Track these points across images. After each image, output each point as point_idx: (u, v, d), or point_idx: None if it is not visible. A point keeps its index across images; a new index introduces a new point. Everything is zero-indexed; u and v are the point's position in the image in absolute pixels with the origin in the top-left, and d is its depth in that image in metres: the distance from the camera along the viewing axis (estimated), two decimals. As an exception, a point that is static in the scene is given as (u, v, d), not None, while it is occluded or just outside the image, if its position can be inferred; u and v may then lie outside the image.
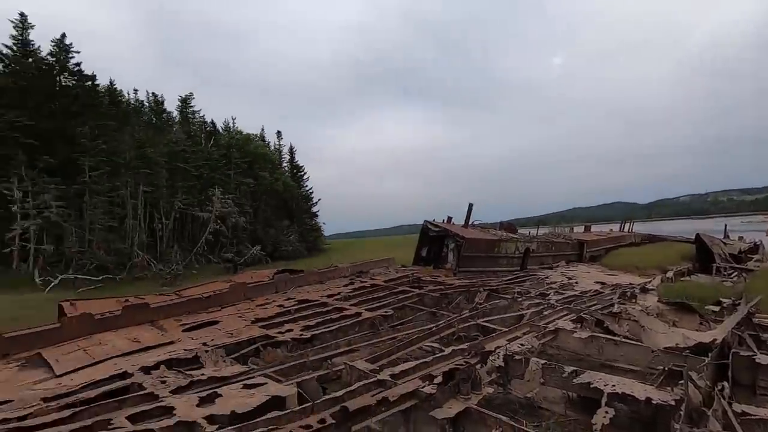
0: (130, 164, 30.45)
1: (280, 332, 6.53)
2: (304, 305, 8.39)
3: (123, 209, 30.12)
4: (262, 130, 62.37)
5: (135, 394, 4.31)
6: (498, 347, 5.27)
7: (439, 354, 5.21)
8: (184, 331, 6.83)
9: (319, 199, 62.11)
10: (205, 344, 5.94)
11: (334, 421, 2.99)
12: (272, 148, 62.17)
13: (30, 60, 29.19)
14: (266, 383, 4.34)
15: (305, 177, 62.58)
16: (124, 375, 4.90)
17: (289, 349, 6.12)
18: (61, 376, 4.99)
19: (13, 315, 13.28)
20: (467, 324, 6.99)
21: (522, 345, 5.57)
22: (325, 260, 32.38)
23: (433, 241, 16.29)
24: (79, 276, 23.62)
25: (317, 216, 61.93)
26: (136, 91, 41.81)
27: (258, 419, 3.42)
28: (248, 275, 12.20)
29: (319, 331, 6.71)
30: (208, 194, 36.18)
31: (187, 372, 4.92)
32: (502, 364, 4.85)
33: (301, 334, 6.44)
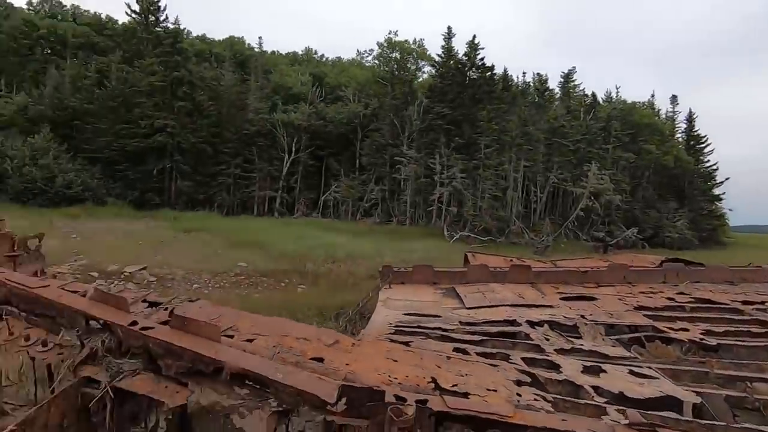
0: (514, 141, 34.00)
1: (671, 328, 5.67)
2: (703, 305, 6.88)
3: (506, 182, 34.32)
4: (652, 96, 54.07)
5: (523, 341, 4.95)
6: None
7: None
8: (561, 299, 7.13)
9: (726, 178, 48.00)
10: (583, 317, 5.99)
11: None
12: (663, 116, 52.85)
13: (451, 62, 37.38)
14: (658, 378, 3.91)
15: (706, 150, 49.69)
16: (513, 322, 5.69)
17: (683, 350, 5.22)
18: (469, 308, 6.38)
19: (433, 255, 18.11)
20: None
21: None
22: (726, 256, 25.06)
23: None
24: (471, 235, 29.13)
25: (720, 200, 48.33)
26: (524, 74, 45.66)
27: (651, 412, 3.15)
28: (628, 257, 11.18)
29: (730, 342, 5.33)
30: (583, 169, 35.36)
31: (568, 337, 5.15)
32: None
33: (702, 339, 5.33)
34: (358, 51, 54.03)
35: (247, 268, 14.66)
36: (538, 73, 46.33)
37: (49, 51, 46.79)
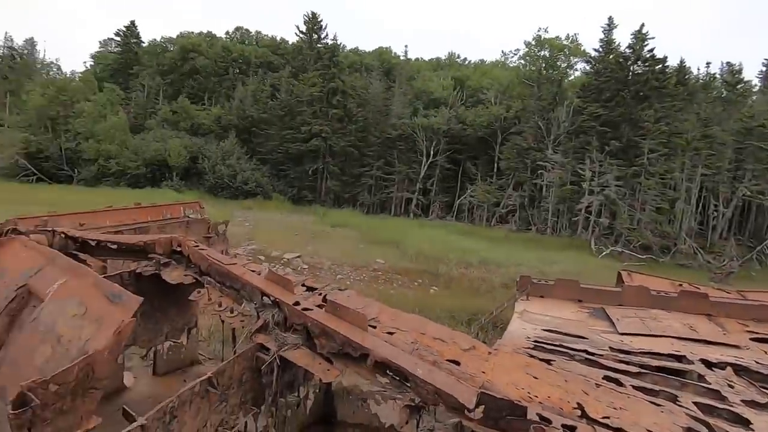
0: (690, 145, 28.71)
1: None
2: None
3: (675, 192, 29.20)
4: None
5: (696, 383, 4.15)
6: None
7: None
8: (752, 339, 5.78)
9: None
10: (786, 366, 4.74)
11: None
12: None
13: (610, 57, 33.41)
14: None
15: None
16: (681, 358, 4.83)
17: None
18: (622, 334, 5.63)
19: (577, 270, 16.47)
20: None
21: None
22: None
23: None
24: (626, 251, 25.58)
25: None
26: (707, 65, 38.28)
27: None
28: None
29: None
30: (792, 180, 27.93)
31: (762, 388, 4.15)
32: None
33: None
34: (502, 52, 52.39)
35: (384, 265, 15.52)
36: (728, 63, 38.23)
37: (238, 71, 56.80)
